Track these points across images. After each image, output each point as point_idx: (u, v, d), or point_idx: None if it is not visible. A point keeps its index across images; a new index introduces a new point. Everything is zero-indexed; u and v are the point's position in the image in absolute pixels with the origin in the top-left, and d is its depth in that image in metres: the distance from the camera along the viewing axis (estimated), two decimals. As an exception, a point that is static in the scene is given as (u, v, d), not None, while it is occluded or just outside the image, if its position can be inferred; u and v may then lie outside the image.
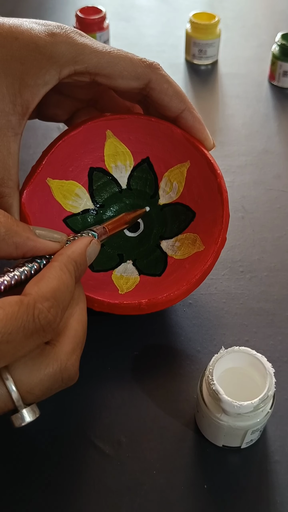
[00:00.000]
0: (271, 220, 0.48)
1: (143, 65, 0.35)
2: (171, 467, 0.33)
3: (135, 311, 0.35)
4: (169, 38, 0.74)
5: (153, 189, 0.41)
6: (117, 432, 0.34)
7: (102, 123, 0.38)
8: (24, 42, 0.33)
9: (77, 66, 0.34)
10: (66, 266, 0.28)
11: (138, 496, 0.31)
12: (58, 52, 0.33)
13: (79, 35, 0.34)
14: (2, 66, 0.32)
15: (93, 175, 0.40)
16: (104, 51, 0.34)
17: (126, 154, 0.40)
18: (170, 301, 0.35)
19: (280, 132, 0.58)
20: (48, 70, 0.33)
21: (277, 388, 0.30)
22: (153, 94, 0.36)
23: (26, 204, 0.36)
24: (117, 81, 0.35)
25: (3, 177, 0.34)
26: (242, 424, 0.30)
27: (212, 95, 0.64)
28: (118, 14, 0.80)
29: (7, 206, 0.35)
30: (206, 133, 0.38)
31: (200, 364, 0.38)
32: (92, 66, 0.34)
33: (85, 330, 0.30)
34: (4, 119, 0.33)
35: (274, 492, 0.32)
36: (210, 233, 0.36)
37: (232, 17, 0.79)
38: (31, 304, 0.25)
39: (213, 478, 0.32)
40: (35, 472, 0.32)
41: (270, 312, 0.41)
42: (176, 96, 0.36)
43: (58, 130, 0.57)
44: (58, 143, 0.37)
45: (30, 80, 0.33)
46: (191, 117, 0.37)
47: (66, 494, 0.32)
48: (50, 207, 0.38)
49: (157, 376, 0.37)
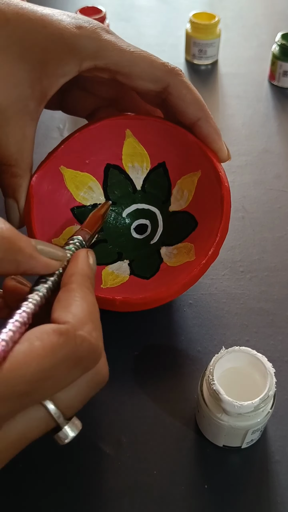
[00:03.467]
0: (271, 220, 0.48)
1: (164, 69, 0.35)
2: (171, 467, 0.33)
3: (109, 306, 0.35)
4: (169, 38, 0.74)
5: (165, 194, 0.41)
6: (117, 432, 0.34)
7: (122, 121, 0.39)
8: (51, 31, 0.33)
9: (97, 61, 0.34)
10: (86, 286, 0.26)
11: (139, 496, 0.31)
12: (81, 45, 0.33)
13: (106, 32, 0.34)
14: (26, 52, 0.33)
15: (109, 171, 0.41)
16: (127, 50, 0.34)
17: (143, 155, 0.40)
18: (146, 304, 0.34)
19: (280, 132, 0.58)
20: (68, 62, 0.33)
21: (278, 388, 0.30)
22: (171, 99, 0.36)
23: (34, 186, 0.36)
24: (136, 81, 0.35)
25: (17, 158, 0.34)
26: (242, 424, 0.30)
27: (212, 95, 0.64)
28: (118, 14, 0.80)
29: (16, 186, 0.35)
30: (221, 144, 0.37)
31: (201, 364, 0.37)
32: (113, 63, 0.34)
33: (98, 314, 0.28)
34: (21, 103, 0.33)
35: (275, 492, 0.32)
36: (204, 245, 0.36)
37: (232, 17, 0.78)
38: (71, 332, 0.23)
39: (214, 478, 0.32)
40: (34, 472, 0.32)
41: (270, 312, 0.41)
42: (194, 104, 0.36)
43: (58, 130, 0.57)
44: (76, 134, 0.38)
45: (51, 69, 0.33)
46: (207, 126, 0.37)
47: (66, 494, 0.32)
48: (59, 194, 0.39)
49: (157, 376, 0.37)
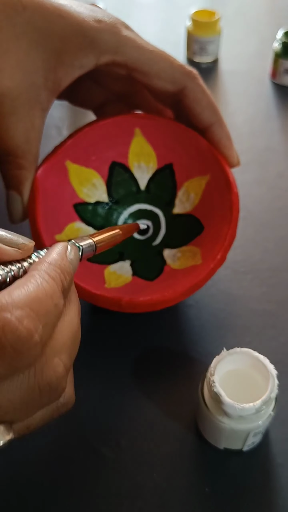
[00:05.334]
0: (274, 219, 0.48)
1: (182, 70, 0.35)
2: (171, 470, 0.32)
3: (115, 307, 0.34)
4: (169, 36, 0.73)
5: (170, 196, 0.40)
6: (117, 435, 0.34)
7: (132, 120, 0.38)
8: (69, 22, 0.32)
9: (117, 56, 0.34)
10: (47, 273, 0.22)
11: (139, 499, 0.31)
12: (101, 38, 0.33)
13: (125, 28, 0.34)
14: (42, 40, 0.32)
15: (115, 170, 0.40)
16: (147, 48, 0.34)
17: (150, 156, 0.40)
18: (151, 305, 0.34)
19: (282, 130, 0.58)
20: (87, 54, 0.33)
21: (280, 390, 0.30)
22: (186, 102, 0.36)
23: (39, 180, 0.36)
24: (153, 80, 0.35)
25: (24, 149, 0.34)
26: (244, 427, 0.30)
27: (213, 93, 0.63)
28: (118, 11, 0.79)
29: (22, 179, 0.35)
30: (233, 150, 0.38)
31: (202, 366, 0.37)
32: (132, 60, 0.34)
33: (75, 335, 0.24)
34: (34, 92, 0.33)
35: (276, 495, 0.31)
36: (211, 249, 0.36)
37: (233, 14, 0.78)
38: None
39: (215, 481, 0.32)
40: (34, 475, 0.32)
41: (272, 313, 0.40)
42: (209, 108, 0.36)
43: (57, 128, 0.57)
44: (85, 129, 0.37)
45: (68, 59, 0.33)
46: (220, 131, 0.37)
47: (66, 497, 0.31)
48: (63, 189, 0.38)
49: (157, 378, 0.37)
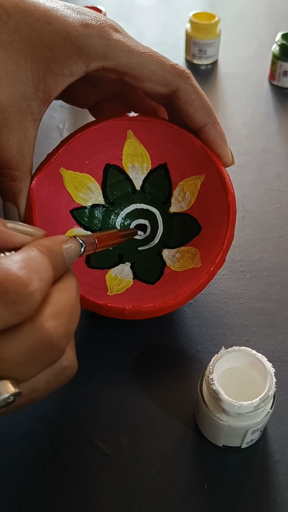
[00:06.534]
0: (272, 220, 0.48)
1: (174, 71, 0.34)
2: (171, 467, 0.33)
3: (118, 315, 0.35)
4: (168, 38, 0.74)
5: (166, 195, 0.40)
6: (117, 432, 0.34)
7: (124, 122, 0.38)
8: (56, 29, 0.32)
9: (106, 62, 0.33)
10: (35, 246, 0.25)
11: (138, 496, 0.31)
12: (89, 44, 0.32)
13: (114, 30, 0.33)
14: (30, 49, 0.32)
15: (109, 172, 0.40)
16: (136, 51, 0.33)
17: (144, 156, 0.40)
18: (154, 312, 0.35)
19: (280, 131, 0.58)
20: (76, 62, 0.32)
21: (278, 388, 0.30)
22: (178, 103, 0.35)
23: (34, 190, 0.35)
24: (144, 83, 0.34)
25: (17, 161, 0.33)
26: (242, 424, 0.30)
27: (212, 95, 0.64)
28: (118, 14, 0.80)
29: (17, 191, 0.34)
30: (227, 150, 0.37)
31: (200, 364, 0.37)
32: (121, 65, 0.33)
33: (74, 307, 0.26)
34: (25, 103, 0.32)
35: (274, 492, 0.32)
36: (210, 251, 0.36)
37: (232, 16, 0.78)
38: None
39: (213, 478, 0.32)
40: (35, 472, 0.32)
41: (270, 312, 0.41)
42: (202, 109, 0.36)
43: (58, 130, 0.57)
44: (77, 135, 0.37)
45: (57, 68, 0.32)
46: (213, 132, 0.36)
47: (66, 494, 0.32)
48: (59, 196, 0.38)
49: (157, 376, 0.37)
